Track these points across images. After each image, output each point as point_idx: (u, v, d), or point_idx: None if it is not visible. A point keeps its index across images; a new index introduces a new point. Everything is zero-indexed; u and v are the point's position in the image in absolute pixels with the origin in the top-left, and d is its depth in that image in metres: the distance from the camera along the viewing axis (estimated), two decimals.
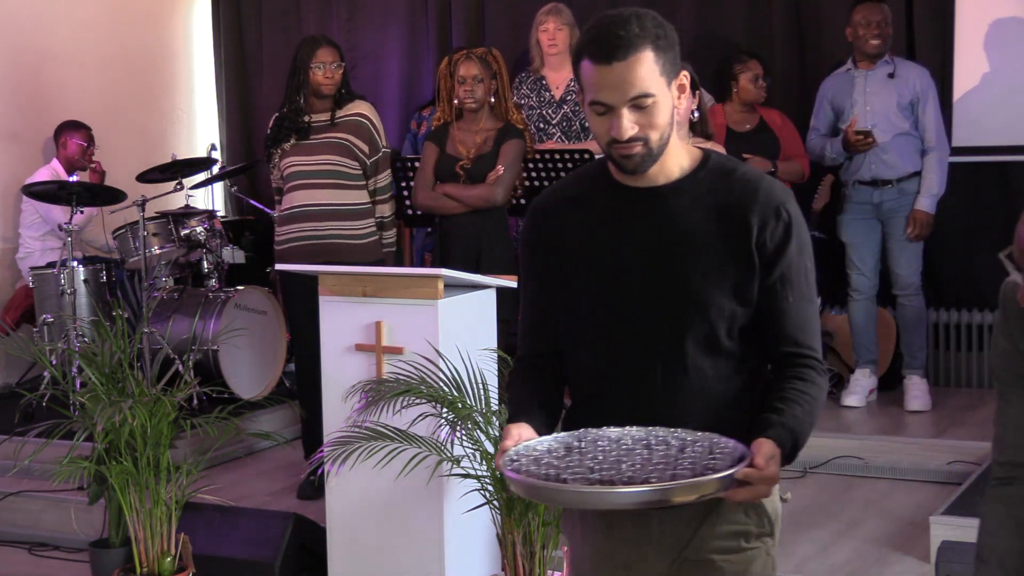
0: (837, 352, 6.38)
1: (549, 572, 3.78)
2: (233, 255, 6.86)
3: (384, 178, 5.51)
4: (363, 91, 6.08)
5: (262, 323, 6.44)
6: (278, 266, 4.95)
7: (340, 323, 4.16)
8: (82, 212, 6.48)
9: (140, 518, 4.25)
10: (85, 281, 6.42)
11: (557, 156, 5.90)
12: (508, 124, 5.38)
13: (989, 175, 6.47)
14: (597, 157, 6.20)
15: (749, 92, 6.18)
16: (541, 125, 6.44)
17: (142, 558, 4.27)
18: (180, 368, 5.80)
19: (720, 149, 4.62)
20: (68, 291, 6.24)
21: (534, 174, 5.86)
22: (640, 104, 2.18)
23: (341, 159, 5.32)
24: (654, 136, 2.21)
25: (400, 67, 7.84)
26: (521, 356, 2.47)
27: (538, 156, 5.86)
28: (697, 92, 4.51)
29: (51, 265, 6.51)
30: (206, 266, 6.51)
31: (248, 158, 8.15)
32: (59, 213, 6.69)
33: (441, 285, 4.01)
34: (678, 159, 2.29)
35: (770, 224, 2.25)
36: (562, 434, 2.24)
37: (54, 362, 5.57)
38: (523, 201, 5.94)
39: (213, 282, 6.47)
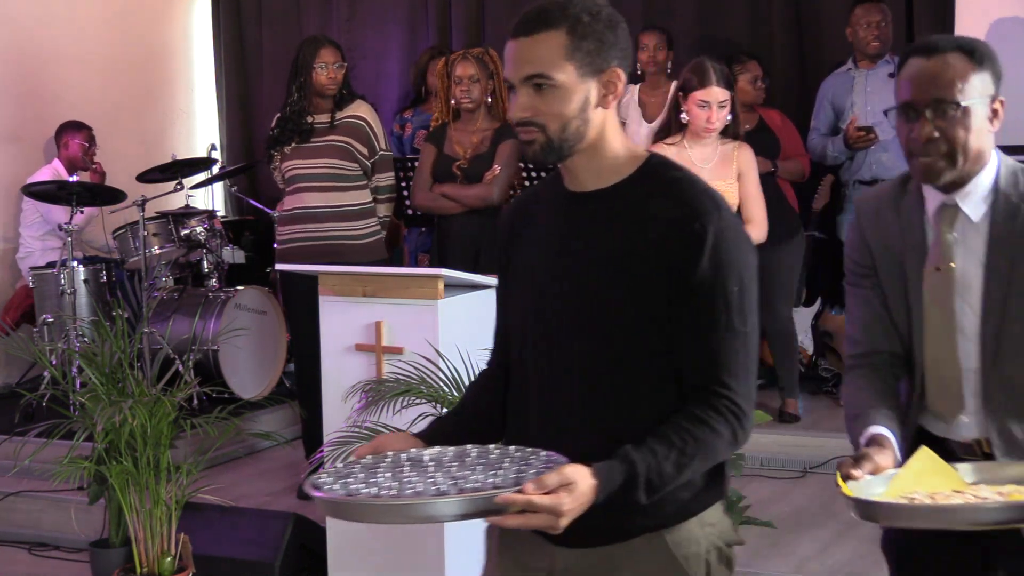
0: (837, 352, 6.38)
1: None
2: (233, 255, 6.86)
3: (385, 179, 5.52)
4: (363, 91, 6.09)
5: (262, 323, 6.44)
6: (278, 266, 4.95)
7: (340, 323, 4.16)
8: (82, 212, 6.48)
9: (140, 518, 4.25)
10: (85, 281, 6.42)
11: None
12: (505, 124, 5.38)
13: None
14: None
15: (747, 93, 6.17)
16: None
17: (142, 558, 4.27)
18: (180, 368, 5.80)
19: (747, 151, 4.61)
20: (68, 291, 6.24)
21: (533, 174, 5.86)
22: (538, 85, 2.05)
23: (341, 162, 5.33)
24: (553, 125, 2.06)
25: (400, 67, 7.84)
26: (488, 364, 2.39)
27: None
28: (734, 91, 4.54)
29: (51, 265, 6.51)
30: (206, 266, 6.51)
31: (248, 158, 8.15)
32: (59, 213, 6.69)
33: (441, 285, 4.02)
34: (615, 163, 2.13)
35: (688, 242, 2.03)
36: (416, 451, 2.12)
37: (54, 362, 5.57)
38: None
39: (213, 282, 6.48)
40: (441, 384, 3.65)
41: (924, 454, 2.23)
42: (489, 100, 5.38)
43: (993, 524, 2.01)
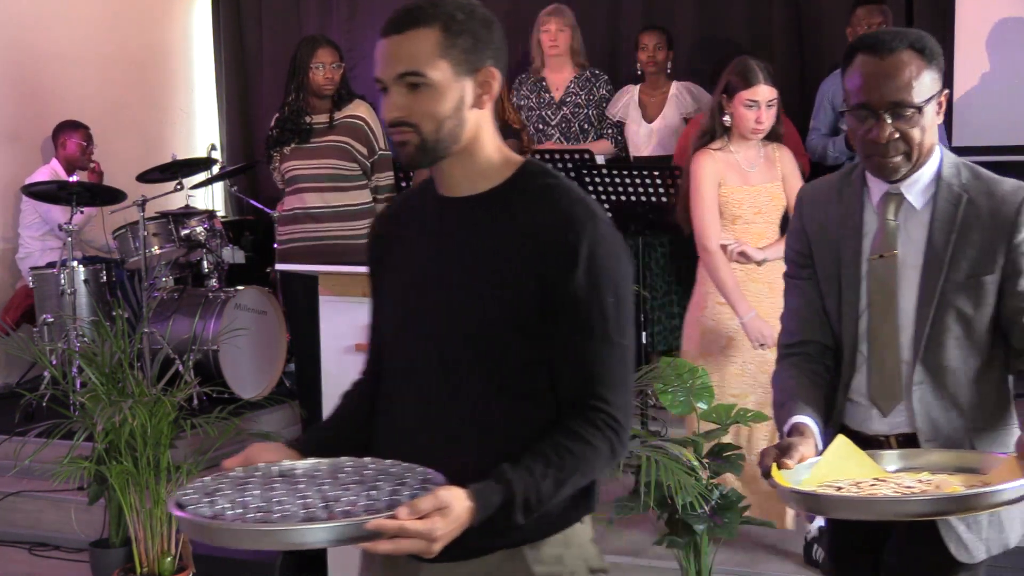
0: None
1: None
2: (233, 255, 6.86)
3: (385, 178, 5.52)
4: (363, 91, 6.08)
5: (262, 323, 6.43)
6: (278, 266, 4.95)
7: (340, 323, 4.15)
8: (82, 212, 6.48)
9: (140, 518, 4.26)
10: (85, 281, 6.42)
11: (556, 156, 5.90)
12: (504, 124, 5.38)
13: None
14: (598, 159, 6.25)
15: None
16: (540, 126, 6.44)
17: (142, 558, 4.27)
18: (180, 368, 5.80)
19: (787, 152, 4.43)
20: (68, 291, 6.24)
21: None
22: (412, 84, 1.97)
23: (340, 162, 5.34)
24: (427, 126, 1.98)
25: None
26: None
27: (537, 157, 5.85)
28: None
29: (51, 265, 6.51)
30: (206, 266, 6.51)
31: (248, 158, 8.15)
32: (58, 213, 6.69)
33: None
34: (489, 167, 2.06)
35: (561, 252, 1.97)
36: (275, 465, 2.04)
37: (54, 362, 5.57)
38: None
39: (213, 282, 6.47)
40: None
41: (842, 442, 2.28)
42: None
43: (930, 515, 2.10)
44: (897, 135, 2.35)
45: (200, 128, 8.57)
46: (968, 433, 2.43)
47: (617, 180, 5.67)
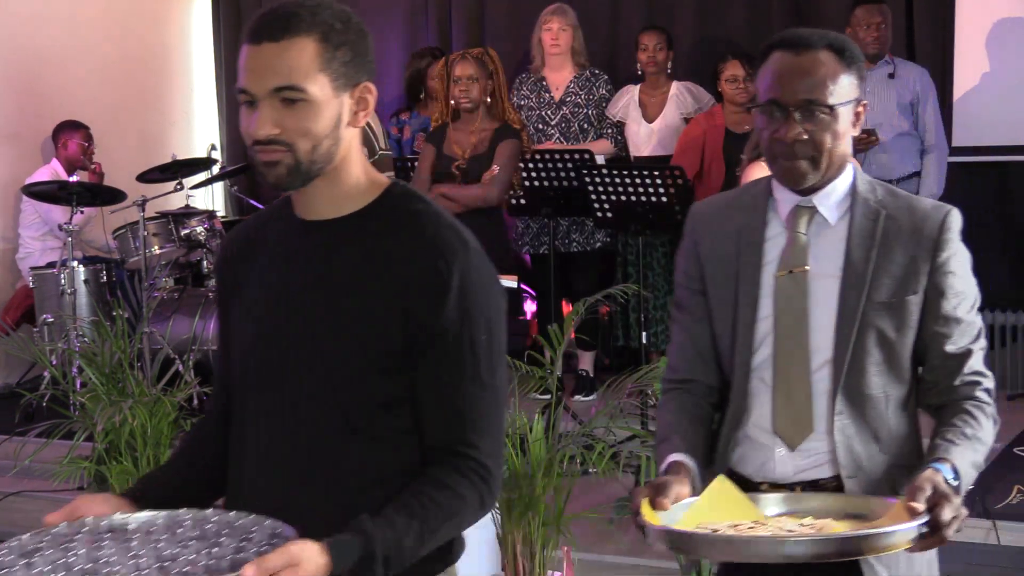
0: None
1: (549, 572, 3.78)
2: None
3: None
4: None
5: None
6: None
7: None
8: (82, 212, 6.48)
9: None
10: (85, 281, 6.42)
11: (557, 156, 5.90)
12: (505, 124, 5.38)
13: (989, 175, 6.47)
14: (598, 159, 6.25)
15: (727, 93, 6.15)
16: (540, 126, 6.44)
17: None
18: (180, 368, 5.80)
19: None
20: (68, 291, 6.24)
21: (533, 174, 5.86)
22: (288, 99, 1.80)
23: None
24: (303, 145, 1.81)
25: (400, 67, 7.84)
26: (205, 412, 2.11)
27: (537, 156, 5.86)
28: None
29: (51, 265, 6.51)
30: (206, 266, 6.51)
31: (248, 158, 8.13)
32: (58, 213, 6.69)
33: None
34: (354, 189, 1.90)
35: (427, 283, 1.81)
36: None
37: (54, 362, 5.57)
38: (523, 201, 5.94)
39: (213, 282, 6.48)
40: None
41: (721, 483, 2.10)
42: (488, 100, 5.38)
43: (806, 558, 1.89)
44: (806, 136, 2.17)
45: (200, 128, 8.57)
46: (889, 469, 2.21)
47: (617, 180, 5.67)
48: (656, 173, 5.65)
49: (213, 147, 7.13)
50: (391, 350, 1.82)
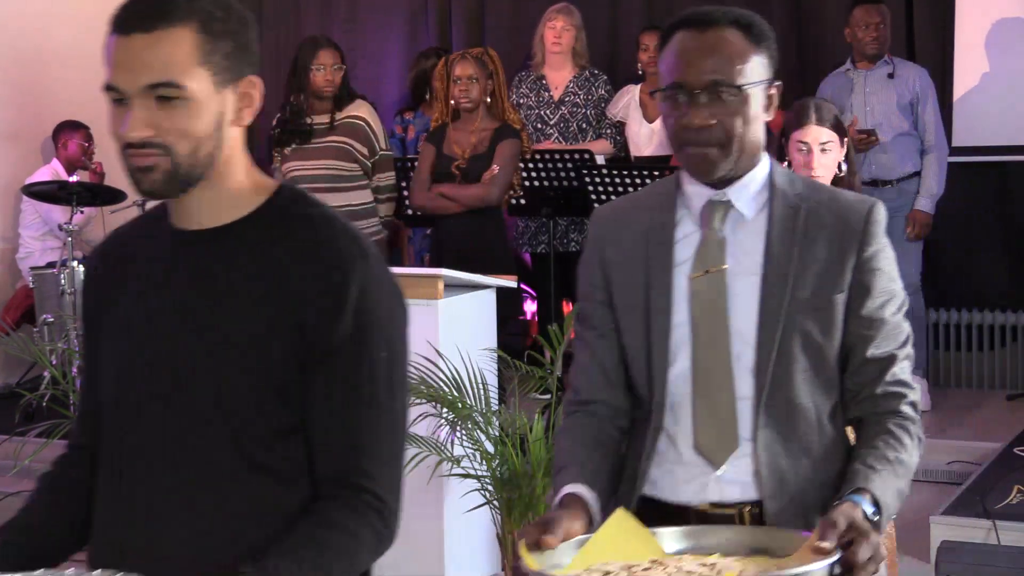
0: None
1: None
2: None
3: (386, 178, 5.53)
4: (363, 92, 6.09)
5: None
6: None
7: None
8: (82, 212, 6.48)
9: None
10: None
11: (557, 156, 5.90)
12: (504, 124, 5.39)
13: (989, 175, 6.47)
14: (598, 159, 6.25)
15: None
16: (539, 125, 6.44)
17: None
18: None
19: (879, 207, 3.90)
20: (68, 291, 6.24)
21: (533, 174, 5.86)
22: (163, 96, 1.62)
23: (340, 163, 5.34)
24: (181, 148, 1.65)
25: (400, 67, 7.84)
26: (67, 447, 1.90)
27: (537, 156, 5.86)
28: (845, 141, 3.72)
29: (51, 265, 6.51)
30: None
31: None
32: (58, 213, 6.69)
33: (441, 285, 4.02)
34: (238, 194, 1.71)
35: (324, 295, 1.64)
36: None
37: (54, 362, 5.57)
38: (523, 201, 5.95)
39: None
40: (441, 384, 3.66)
41: (620, 517, 1.89)
42: (488, 100, 5.39)
43: None
44: (714, 121, 1.97)
45: None
46: (817, 488, 1.99)
47: (617, 180, 5.67)
48: (656, 173, 5.65)
49: None
50: (286, 371, 1.64)
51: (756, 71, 2.00)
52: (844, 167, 3.70)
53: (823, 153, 3.66)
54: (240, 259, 1.68)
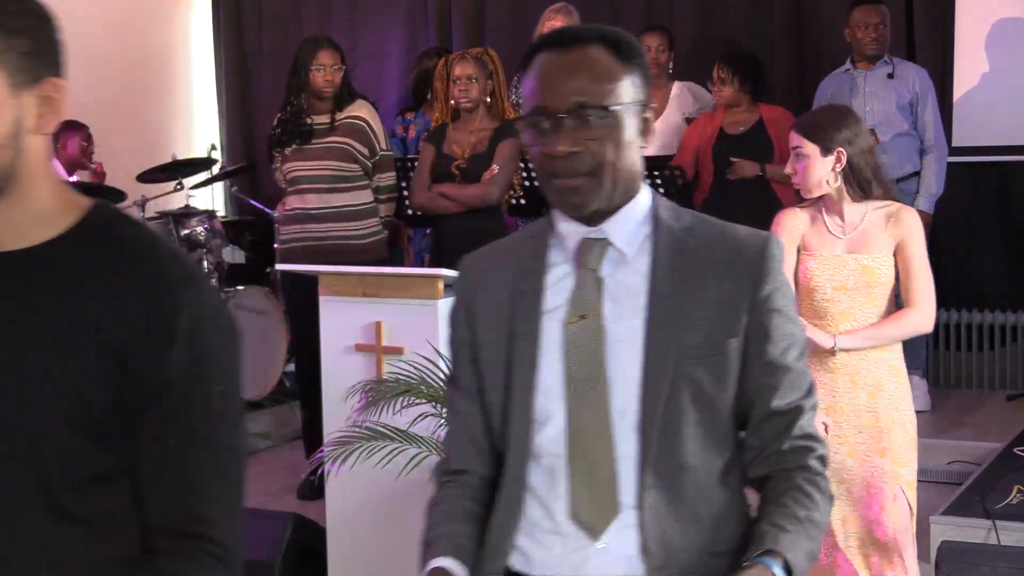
0: None
1: None
2: (233, 255, 6.87)
3: (386, 178, 5.53)
4: (363, 92, 6.09)
5: (262, 323, 6.44)
6: (278, 266, 4.95)
7: (340, 323, 4.16)
8: None
9: None
10: None
11: None
12: (504, 124, 5.38)
13: (989, 175, 6.47)
14: None
15: (714, 94, 6.15)
16: None
17: None
18: None
19: (910, 214, 3.55)
20: None
21: (533, 174, 5.86)
22: None
23: (341, 163, 5.34)
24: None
25: (400, 67, 7.84)
26: None
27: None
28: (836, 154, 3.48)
29: None
30: (206, 266, 6.51)
31: (248, 158, 8.15)
32: None
33: (441, 285, 4.01)
34: (45, 212, 1.52)
35: (147, 326, 1.46)
36: None
37: None
38: (523, 201, 5.94)
39: (213, 282, 6.48)
40: (441, 384, 3.65)
41: None
42: (488, 100, 5.39)
43: None
44: (580, 148, 1.78)
45: (200, 128, 8.57)
46: (708, 558, 1.81)
47: None
48: (656, 173, 5.64)
49: (213, 147, 7.14)
50: (104, 411, 1.47)
51: (627, 92, 1.82)
52: (830, 181, 3.48)
53: (796, 158, 3.54)
54: (48, 286, 1.49)
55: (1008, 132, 6.36)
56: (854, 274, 3.48)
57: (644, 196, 1.89)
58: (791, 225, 3.60)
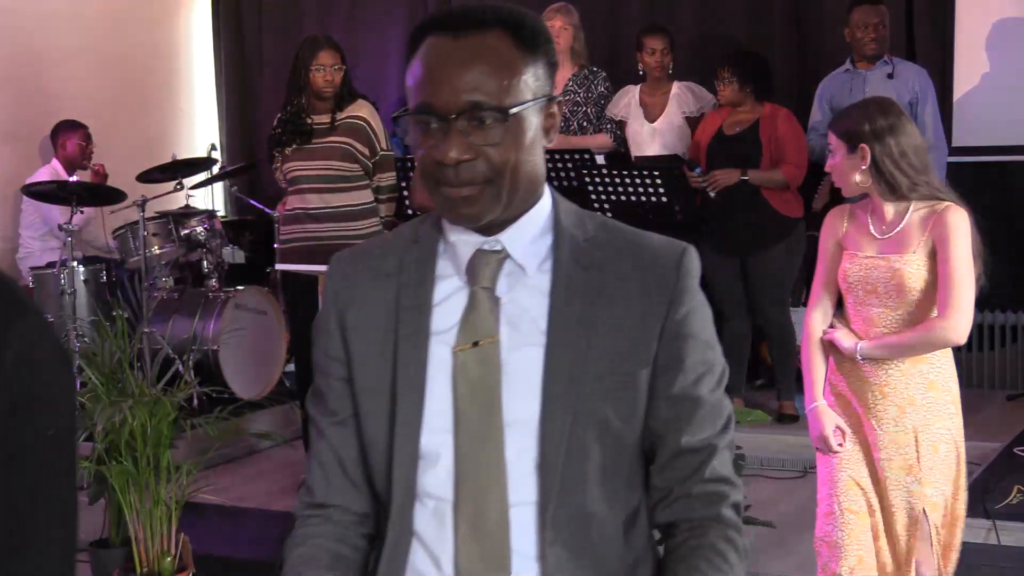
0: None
1: None
2: (233, 255, 6.87)
3: (387, 178, 5.53)
4: (364, 92, 6.09)
5: (262, 323, 6.44)
6: (278, 266, 4.95)
7: None
8: (82, 212, 6.48)
9: (140, 518, 4.25)
10: (85, 281, 6.42)
11: (556, 156, 5.90)
12: None
13: (989, 175, 6.47)
14: (597, 158, 6.25)
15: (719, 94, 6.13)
16: None
17: (142, 558, 4.27)
18: (180, 368, 5.80)
19: (953, 213, 3.32)
20: (68, 291, 6.24)
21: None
22: None
23: (341, 163, 5.34)
24: None
25: (400, 68, 7.83)
26: None
27: None
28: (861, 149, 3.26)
29: (51, 265, 6.51)
30: (206, 266, 6.51)
31: (248, 158, 8.15)
32: (58, 213, 6.70)
33: None
34: None
35: None
36: None
37: None
38: None
39: (213, 282, 6.48)
40: None
41: None
42: None
43: None
44: (473, 155, 1.54)
45: (200, 128, 8.57)
46: None
47: (617, 180, 5.67)
48: (656, 173, 5.64)
49: (213, 147, 7.14)
50: None
51: (530, 86, 1.58)
52: (859, 179, 3.27)
53: (830, 156, 3.37)
54: None
55: (1008, 132, 6.36)
56: (884, 277, 3.27)
57: (546, 200, 1.66)
58: (832, 224, 3.41)
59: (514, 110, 1.55)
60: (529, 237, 1.63)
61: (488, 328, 1.60)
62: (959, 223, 3.28)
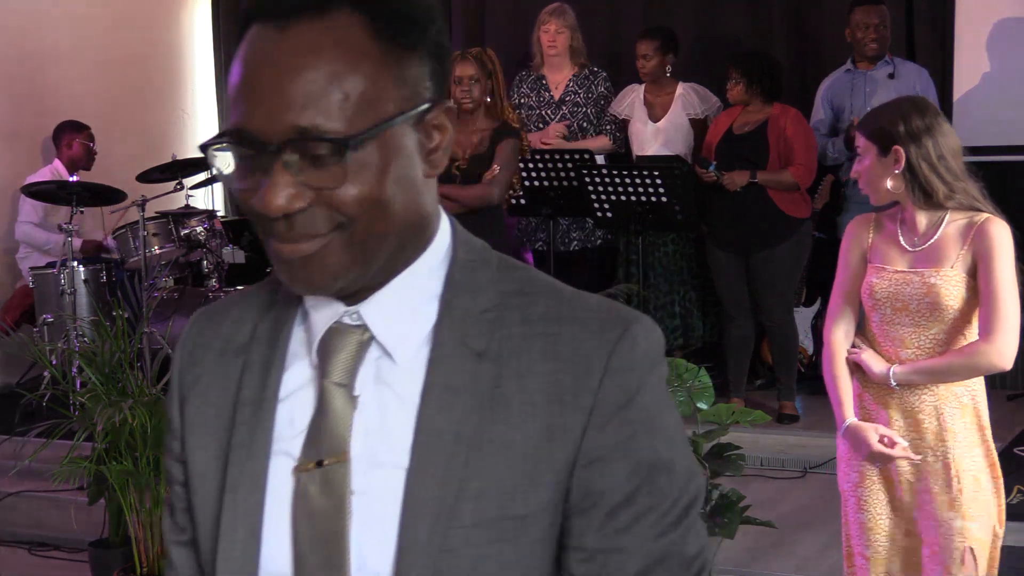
0: None
1: None
2: (233, 255, 6.86)
3: None
4: None
5: None
6: None
7: None
8: (82, 212, 6.48)
9: (140, 518, 4.26)
10: (85, 281, 6.42)
11: (556, 156, 5.90)
12: (504, 123, 5.38)
13: (989, 175, 6.45)
14: (598, 158, 6.25)
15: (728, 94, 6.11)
16: (540, 125, 6.44)
17: (142, 558, 4.27)
18: None
19: (994, 225, 3.05)
20: (68, 291, 6.24)
21: (533, 174, 5.86)
22: None
23: None
24: None
25: None
26: None
27: (537, 156, 5.86)
28: (894, 151, 3.00)
29: (51, 265, 6.51)
30: (206, 266, 6.51)
31: None
32: (58, 213, 6.70)
33: None
34: None
35: None
36: None
37: (54, 362, 5.57)
38: (523, 201, 5.95)
39: (213, 282, 6.48)
40: None
41: None
42: (488, 100, 5.39)
43: None
44: (306, 200, 1.08)
45: (200, 128, 8.57)
46: None
47: (617, 180, 5.67)
48: (656, 173, 5.64)
49: None
50: None
51: (398, 95, 1.08)
52: (891, 185, 2.99)
53: (858, 160, 3.09)
54: None
55: (1008, 132, 6.36)
56: (918, 293, 2.95)
57: (434, 254, 1.17)
58: (857, 234, 3.10)
59: (362, 136, 1.05)
60: (403, 309, 1.15)
61: (337, 442, 1.13)
62: (1002, 236, 2.98)
